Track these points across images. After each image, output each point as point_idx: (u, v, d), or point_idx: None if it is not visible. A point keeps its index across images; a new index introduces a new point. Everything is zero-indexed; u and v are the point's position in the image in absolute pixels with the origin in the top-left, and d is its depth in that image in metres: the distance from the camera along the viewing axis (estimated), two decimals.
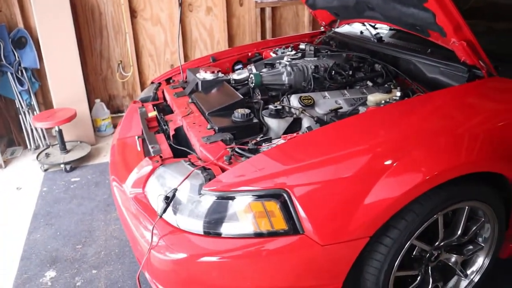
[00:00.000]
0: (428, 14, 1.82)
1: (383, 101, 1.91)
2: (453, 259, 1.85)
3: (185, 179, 1.61)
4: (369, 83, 2.20)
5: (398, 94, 1.92)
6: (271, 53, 2.87)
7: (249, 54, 2.96)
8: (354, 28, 2.89)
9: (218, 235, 1.53)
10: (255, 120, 1.92)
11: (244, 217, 1.50)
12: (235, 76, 2.49)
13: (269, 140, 1.81)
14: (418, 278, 1.78)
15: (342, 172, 1.48)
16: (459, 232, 1.76)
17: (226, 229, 1.52)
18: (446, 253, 1.83)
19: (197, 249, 1.55)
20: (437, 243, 1.73)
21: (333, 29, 2.92)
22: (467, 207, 1.71)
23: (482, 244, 1.87)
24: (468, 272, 1.92)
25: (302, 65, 2.30)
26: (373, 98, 1.95)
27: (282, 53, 2.81)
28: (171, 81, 2.76)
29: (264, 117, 1.97)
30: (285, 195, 1.45)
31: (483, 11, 2.61)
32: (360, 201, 1.46)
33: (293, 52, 2.73)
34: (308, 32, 3.26)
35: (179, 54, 2.69)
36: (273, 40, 3.18)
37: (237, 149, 1.70)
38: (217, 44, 4.46)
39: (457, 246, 1.85)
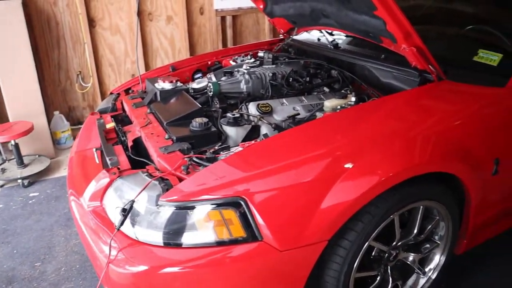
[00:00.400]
0: (379, 21, 1.88)
1: (338, 106, 1.95)
2: (411, 258, 1.91)
3: (142, 191, 1.59)
4: (326, 89, 2.24)
5: (353, 99, 1.96)
6: (231, 61, 2.88)
7: (209, 62, 2.96)
8: (313, 35, 2.94)
9: (179, 245, 1.52)
10: (213, 129, 1.92)
11: (203, 226, 1.50)
12: (194, 85, 2.49)
13: (227, 148, 1.81)
14: (378, 278, 1.82)
15: (298, 177, 1.50)
16: (415, 231, 1.81)
17: (187, 239, 1.51)
18: (404, 252, 1.88)
19: (158, 261, 1.53)
20: (394, 243, 1.78)
21: (291, 36, 2.96)
22: (421, 206, 1.77)
23: (438, 242, 1.93)
24: (426, 269, 1.98)
25: (260, 72, 2.32)
26: (329, 103, 1.99)
27: (241, 61, 2.82)
28: (130, 91, 2.73)
29: (223, 126, 1.98)
30: (242, 203, 1.46)
31: (435, 17, 2.71)
32: (317, 206, 1.48)
33: (252, 60, 2.75)
34: (268, 40, 3.29)
35: (137, 63, 2.66)
36: (233, 48, 3.20)
37: (194, 159, 1.70)
38: (178, 53, 4.44)
39: (414, 245, 1.90)
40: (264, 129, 1.97)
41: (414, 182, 1.65)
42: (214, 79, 2.50)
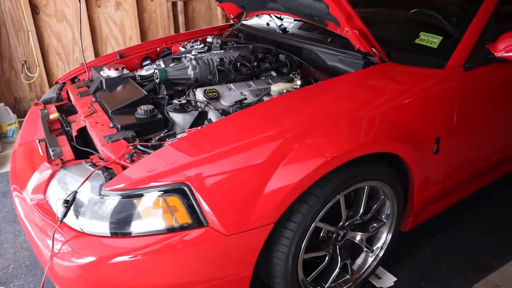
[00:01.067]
0: (322, 5, 1.89)
1: (285, 90, 1.96)
2: (358, 237, 1.96)
3: (85, 181, 1.55)
4: (273, 74, 2.24)
5: (299, 82, 1.98)
6: (180, 48, 2.84)
7: (158, 49, 2.90)
8: (263, 20, 2.93)
9: (126, 234, 1.50)
10: (159, 116, 1.89)
11: (150, 214, 1.48)
12: (142, 72, 2.44)
13: (174, 135, 1.79)
14: (326, 258, 1.86)
15: (242, 161, 1.51)
16: (361, 211, 1.85)
17: (135, 227, 1.49)
18: (351, 231, 1.92)
19: (107, 251, 1.50)
20: (341, 223, 1.82)
21: (240, 21, 2.94)
22: (366, 187, 1.81)
23: (385, 220, 1.99)
24: (374, 247, 2.03)
25: (207, 58, 2.30)
26: (276, 87, 2.00)
27: (191, 47, 2.79)
28: (76, 80, 2.65)
29: (169, 112, 1.95)
30: (186, 189, 1.45)
31: (383, 1, 2.76)
32: (262, 189, 1.49)
33: (201, 45, 2.71)
34: (218, 25, 3.26)
35: (82, 51, 2.58)
36: (183, 34, 3.15)
37: (139, 146, 1.67)
38: (129, 40, 4.33)
39: (361, 224, 1.95)
40: (211, 115, 1.95)
41: (359, 162, 1.69)
42: (163, 65, 2.46)
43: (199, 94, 2.06)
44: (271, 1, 2.40)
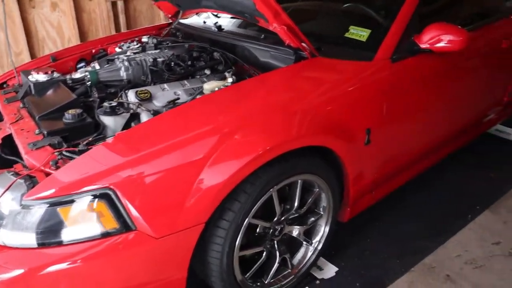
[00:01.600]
0: (250, 1, 1.89)
1: (216, 88, 1.95)
2: (296, 231, 1.98)
3: (5, 191, 1.49)
4: (207, 72, 2.23)
5: (230, 80, 1.97)
6: (116, 48, 2.78)
7: (93, 51, 2.83)
8: (201, 18, 2.91)
9: (55, 243, 1.45)
10: (89, 120, 1.84)
11: (75, 221, 1.44)
12: (75, 75, 2.37)
13: (103, 139, 1.75)
14: (264, 254, 1.87)
15: (169, 162, 1.49)
16: (295, 205, 1.87)
17: (63, 235, 1.44)
18: (289, 226, 1.94)
19: (36, 262, 1.45)
20: (275, 219, 1.83)
21: (177, 20, 2.91)
22: (299, 181, 1.83)
23: (322, 213, 2.02)
24: (313, 240, 2.06)
25: (140, 59, 2.26)
26: (208, 86, 1.99)
27: (127, 47, 2.73)
28: (5, 85, 2.54)
29: (100, 116, 1.90)
30: (111, 194, 1.42)
31: None
32: (189, 189, 1.48)
33: (137, 45, 2.66)
34: (156, 25, 3.21)
35: (10, 54, 2.47)
36: (120, 35, 3.08)
37: (65, 152, 1.62)
38: (68, 42, 4.19)
39: (299, 218, 1.97)
40: (143, 117, 1.92)
41: (289, 157, 1.70)
42: (97, 67, 2.40)
43: (131, 95, 2.02)
44: None
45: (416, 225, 2.50)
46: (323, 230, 2.05)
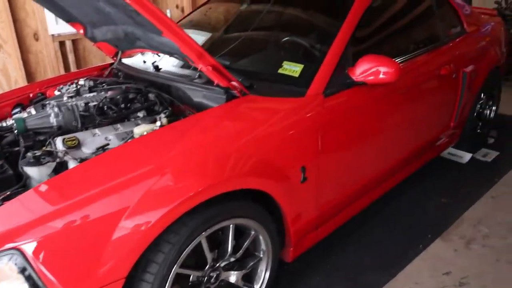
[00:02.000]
0: (173, 44, 1.87)
1: (145, 132, 1.90)
2: (233, 277, 1.90)
3: None
4: (140, 115, 2.18)
5: (158, 123, 1.92)
6: (56, 91, 2.70)
7: (31, 95, 2.74)
8: (143, 57, 2.87)
9: None
10: (9, 172, 1.75)
11: None
12: (8, 122, 2.28)
13: (25, 191, 1.66)
14: None
15: (81, 217, 1.41)
16: (229, 251, 1.81)
17: None
18: (225, 271, 1.87)
19: None
20: (207, 267, 1.76)
21: (117, 60, 2.86)
22: (231, 225, 1.77)
23: (261, 256, 1.96)
24: (255, 285, 1.99)
25: (72, 104, 2.19)
26: (138, 130, 1.93)
27: (66, 90, 2.66)
28: None
29: (23, 167, 1.82)
30: (18, 255, 1.33)
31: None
32: (104, 244, 1.40)
33: (75, 88, 2.60)
34: (98, 65, 3.15)
35: None
36: (59, 77, 3.00)
37: None
38: (15, 84, 4.08)
39: (237, 262, 1.90)
40: (71, 165, 1.84)
41: (217, 201, 1.65)
42: (34, 113, 2.32)
43: (59, 143, 1.94)
44: (137, 39, 2.35)
45: (370, 257, 2.46)
46: (263, 273, 1.98)
